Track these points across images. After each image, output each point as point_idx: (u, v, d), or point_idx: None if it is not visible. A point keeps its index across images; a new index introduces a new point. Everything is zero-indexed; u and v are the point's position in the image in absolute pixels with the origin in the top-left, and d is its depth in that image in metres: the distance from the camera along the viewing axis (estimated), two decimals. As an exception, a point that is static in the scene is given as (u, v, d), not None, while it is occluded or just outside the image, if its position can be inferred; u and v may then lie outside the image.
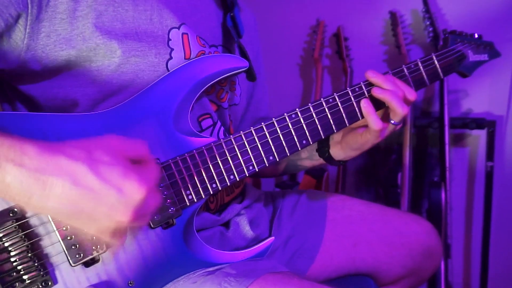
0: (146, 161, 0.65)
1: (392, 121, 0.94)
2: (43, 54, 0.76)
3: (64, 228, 0.71)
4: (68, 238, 0.71)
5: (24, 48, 0.75)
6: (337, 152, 1.03)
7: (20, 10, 0.72)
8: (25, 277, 0.70)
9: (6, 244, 0.69)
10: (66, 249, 0.71)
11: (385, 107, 0.94)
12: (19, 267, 0.70)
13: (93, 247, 0.73)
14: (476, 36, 1.12)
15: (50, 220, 0.71)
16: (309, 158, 1.11)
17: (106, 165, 0.60)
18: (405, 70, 0.98)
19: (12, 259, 0.70)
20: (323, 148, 1.04)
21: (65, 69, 0.79)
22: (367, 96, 0.93)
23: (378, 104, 0.93)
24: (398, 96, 0.91)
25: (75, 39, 0.76)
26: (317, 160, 1.09)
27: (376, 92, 0.92)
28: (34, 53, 0.76)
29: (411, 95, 0.93)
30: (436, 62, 1.01)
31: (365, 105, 0.92)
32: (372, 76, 0.92)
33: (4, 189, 0.59)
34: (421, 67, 0.99)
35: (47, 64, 0.77)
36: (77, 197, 0.58)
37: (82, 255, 0.72)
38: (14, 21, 0.72)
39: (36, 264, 0.71)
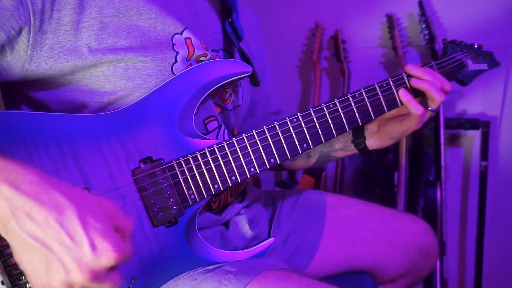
0: (126, 236, 0.63)
1: (430, 107, 0.98)
2: (47, 65, 0.76)
3: None
4: None
5: (27, 60, 0.74)
6: (374, 142, 1.06)
7: (22, 24, 0.72)
8: (20, 265, 0.70)
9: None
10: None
11: (421, 97, 0.98)
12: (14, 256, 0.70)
13: None
14: (476, 46, 1.11)
15: None
16: (343, 149, 1.13)
17: (93, 218, 0.58)
18: (405, 78, 0.98)
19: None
20: (358, 139, 1.07)
21: (71, 76, 0.79)
22: (405, 86, 0.98)
23: (415, 93, 0.97)
24: (435, 85, 0.95)
25: (80, 50, 0.76)
26: (351, 151, 1.12)
27: (414, 83, 0.96)
28: (38, 65, 0.75)
29: (447, 85, 0.98)
30: (436, 70, 1.02)
31: (404, 94, 0.96)
32: (412, 69, 0.97)
33: None
34: None
35: (52, 74, 0.77)
36: (53, 233, 0.56)
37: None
38: (17, 33, 0.72)
39: None
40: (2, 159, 0.60)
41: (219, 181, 0.83)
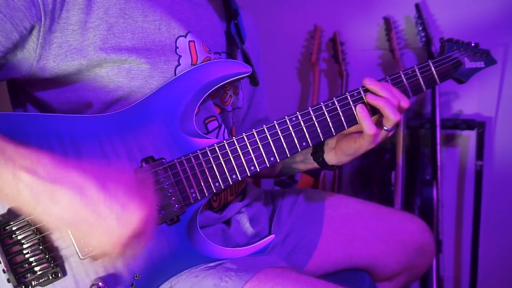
0: (147, 201, 0.65)
1: (385, 127, 0.93)
2: (54, 63, 0.76)
3: None
4: None
5: (36, 58, 0.75)
6: (331, 157, 1.02)
7: (34, 22, 0.72)
8: (36, 268, 0.71)
9: (19, 237, 0.70)
10: (76, 243, 0.72)
11: (380, 113, 0.93)
12: (31, 259, 0.71)
13: None
14: (473, 44, 1.10)
15: None
16: (303, 162, 1.11)
17: (114, 190, 0.60)
18: (403, 76, 0.97)
19: (25, 251, 0.71)
20: (317, 152, 1.04)
21: (77, 76, 0.79)
22: (364, 101, 0.93)
23: (374, 110, 0.93)
24: (391, 103, 0.90)
25: (86, 49, 0.77)
26: (311, 164, 1.08)
27: (369, 99, 0.91)
28: (45, 62, 0.76)
29: (405, 103, 0.92)
30: (433, 68, 1.01)
31: (361, 110, 0.91)
32: (369, 84, 0.92)
33: (14, 195, 0.59)
34: (418, 74, 0.99)
35: (58, 72, 0.77)
36: (81, 209, 0.59)
37: (91, 248, 0.73)
38: (28, 32, 0.73)
39: (47, 256, 0.71)
40: (15, 147, 0.61)
41: (219, 179, 0.83)
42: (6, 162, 0.59)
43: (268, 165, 0.87)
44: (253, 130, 0.86)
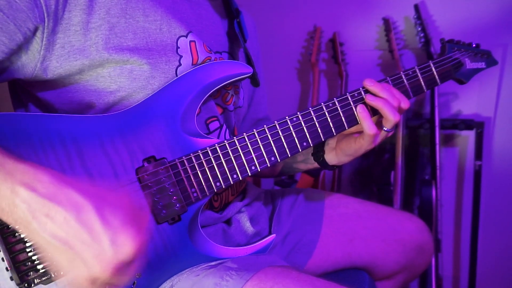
0: (142, 228, 0.63)
1: (385, 128, 0.93)
2: (57, 63, 0.76)
3: None
4: None
5: (40, 59, 0.75)
6: (332, 157, 1.02)
7: (37, 24, 0.72)
8: (39, 266, 0.71)
9: (22, 235, 0.70)
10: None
11: (379, 115, 0.93)
12: (33, 257, 0.71)
13: None
14: (474, 45, 1.09)
15: None
16: (304, 161, 1.11)
17: (111, 213, 0.59)
18: (403, 77, 0.97)
19: (28, 250, 0.71)
20: (318, 153, 1.04)
21: (79, 76, 0.79)
22: (364, 102, 0.93)
23: (374, 111, 0.93)
24: (390, 104, 0.90)
25: (88, 49, 0.77)
26: (312, 164, 1.09)
27: (368, 99, 0.91)
28: (49, 63, 0.76)
29: (405, 103, 0.92)
30: (433, 69, 1.00)
31: (361, 110, 0.91)
32: (370, 85, 0.91)
33: (10, 210, 0.58)
34: (419, 74, 0.98)
35: (61, 72, 0.77)
36: (73, 231, 0.57)
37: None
38: (32, 34, 0.73)
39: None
40: (15, 162, 0.60)
41: (220, 179, 0.84)
42: (5, 176, 0.58)
43: (269, 165, 0.87)
44: (254, 130, 0.86)
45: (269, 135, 0.87)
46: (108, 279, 0.58)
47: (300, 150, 0.89)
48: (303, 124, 0.89)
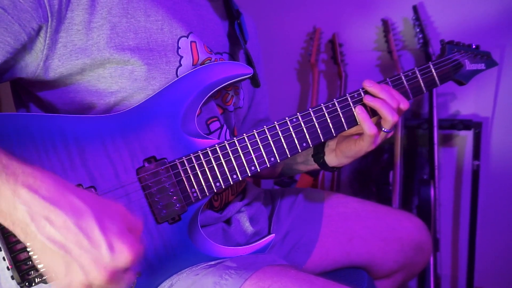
0: (137, 237, 0.63)
1: (384, 129, 0.93)
2: (59, 62, 0.76)
3: None
4: None
5: (43, 58, 0.75)
6: (332, 159, 1.02)
7: (41, 23, 0.73)
8: (39, 266, 0.71)
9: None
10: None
11: (378, 116, 0.93)
12: (34, 256, 0.71)
13: None
14: (474, 46, 1.09)
15: None
16: (304, 163, 1.11)
17: (110, 221, 0.59)
18: (403, 78, 0.96)
19: (28, 249, 0.70)
20: (318, 154, 1.03)
21: (80, 76, 0.79)
22: (363, 102, 0.92)
23: (374, 111, 0.93)
24: (388, 105, 0.90)
25: (90, 49, 0.77)
26: (312, 165, 1.08)
27: (367, 100, 0.91)
28: (51, 62, 0.76)
29: (404, 104, 0.92)
30: (433, 70, 1.00)
31: (360, 111, 0.91)
32: (369, 86, 0.91)
33: (9, 212, 0.58)
34: (418, 75, 0.98)
35: (63, 71, 0.77)
36: (72, 236, 0.57)
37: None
38: (36, 33, 0.73)
39: None
40: (19, 164, 0.60)
41: (220, 179, 0.84)
42: (7, 178, 0.58)
43: (268, 165, 0.87)
44: (254, 130, 0.86)
45: (268, 136, 0.87)
46: (103, 285, 0.58)
47: (300, 151, 0.89)
48: (302, 125, 0.89)
